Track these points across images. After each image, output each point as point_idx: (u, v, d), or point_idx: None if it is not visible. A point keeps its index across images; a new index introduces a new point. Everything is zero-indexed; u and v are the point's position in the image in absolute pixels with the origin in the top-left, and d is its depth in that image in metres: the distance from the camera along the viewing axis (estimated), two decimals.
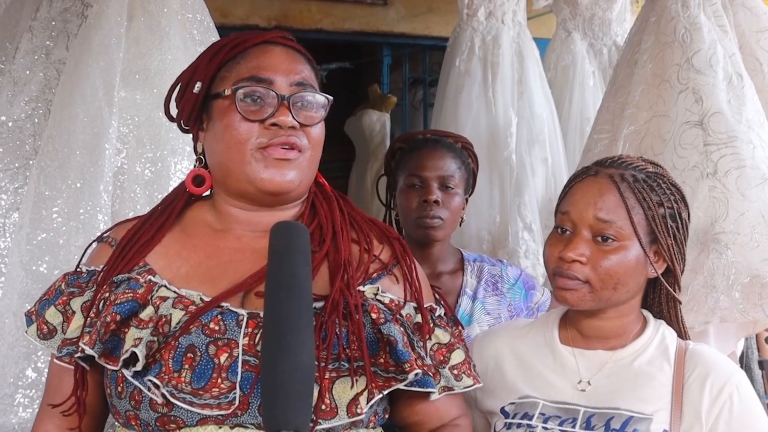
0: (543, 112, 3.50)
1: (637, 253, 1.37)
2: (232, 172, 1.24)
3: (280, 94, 1.23)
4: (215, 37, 2.12)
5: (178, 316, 1.17)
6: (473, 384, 1.30)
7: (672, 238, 1.40)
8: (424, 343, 1.25)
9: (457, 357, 1.29)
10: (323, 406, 1.12)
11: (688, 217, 1.45)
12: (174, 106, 1.35)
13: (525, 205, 3.37)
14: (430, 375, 1.21)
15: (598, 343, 1.43)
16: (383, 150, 4.69)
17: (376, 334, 1.19)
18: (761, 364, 3.40)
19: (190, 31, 2.07)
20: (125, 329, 1.17)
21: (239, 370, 1.13)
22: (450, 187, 1.98)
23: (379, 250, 1.31)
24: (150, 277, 1.22)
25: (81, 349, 1.18)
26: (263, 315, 0.99)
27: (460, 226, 2.06)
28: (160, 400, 1.12)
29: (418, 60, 5.23)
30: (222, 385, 1.12)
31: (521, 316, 1.99)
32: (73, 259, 1.74)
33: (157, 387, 1.12)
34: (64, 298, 1.26)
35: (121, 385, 1.17)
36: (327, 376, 1.14)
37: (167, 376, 1.13)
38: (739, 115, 2.16)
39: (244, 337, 1.15)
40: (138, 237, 1.28)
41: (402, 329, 1.20)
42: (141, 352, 1.12)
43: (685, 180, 2.09)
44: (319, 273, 1.23)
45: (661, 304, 1.47)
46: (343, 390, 1.15)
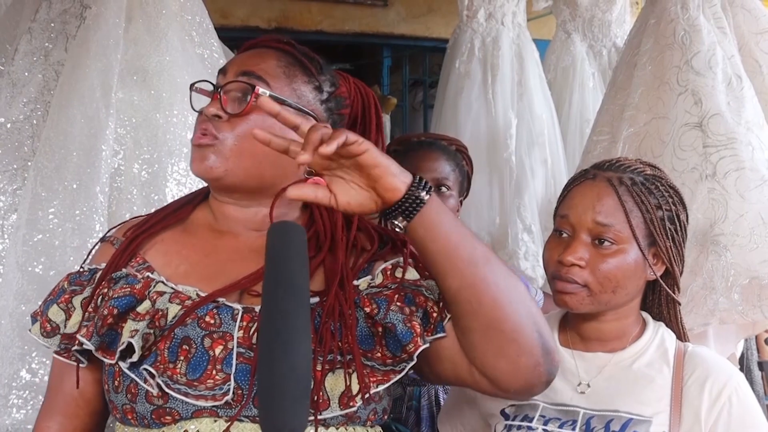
0: (543, 114, 3.49)
1: (636, 255, 1.37)
2: None
3: (216, 85, 1.24)
4: (214, 38, 2.12)
5: (174, 310, 1.17)
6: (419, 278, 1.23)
7: (671, 240, 1.40)
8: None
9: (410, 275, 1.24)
10: (315, 398, 1.12)
11: (687, 220, 1.45)
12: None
13: (525, 206, 3.36)
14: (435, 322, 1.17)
15: (597, 345, 1.43)
16: None
17: (371, 328, 1.18)
18: (761, 366, 3.40)
19: (188, 33, 2.07)
20: (122, 323, 1.17)
21: (234, 362, 1.12)
22: (445, 189, 1.99)
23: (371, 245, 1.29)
24: (148, 273, 1.22)
25: (78, 342, 1.18)
26: (260, 312, 0.98)
27: None
28: (155, 391, 1.12)
29: (418, 61, 5.22)
30: (217, 377, 1.12)
31: None
32: (69, 260, 1.74)
33: (152, 376, 1.12)
34: (67, 296, 1.27)
35: (117, 379, 1.17)
36: (320, 368, 1.13)
37: (162, 366, 1.13)
38: (738, 116, 2.15)
39: (239, 331, 1.15)
40: (141, 232, 1.28)
41: (399, 305, 1.17)
42: (137, 342, 1.13)
43: (685, 182, 2.09)
44: (315, 273, 1.22)
45: (660, 306, 1.47)
46: (335, 382, 1.14)
